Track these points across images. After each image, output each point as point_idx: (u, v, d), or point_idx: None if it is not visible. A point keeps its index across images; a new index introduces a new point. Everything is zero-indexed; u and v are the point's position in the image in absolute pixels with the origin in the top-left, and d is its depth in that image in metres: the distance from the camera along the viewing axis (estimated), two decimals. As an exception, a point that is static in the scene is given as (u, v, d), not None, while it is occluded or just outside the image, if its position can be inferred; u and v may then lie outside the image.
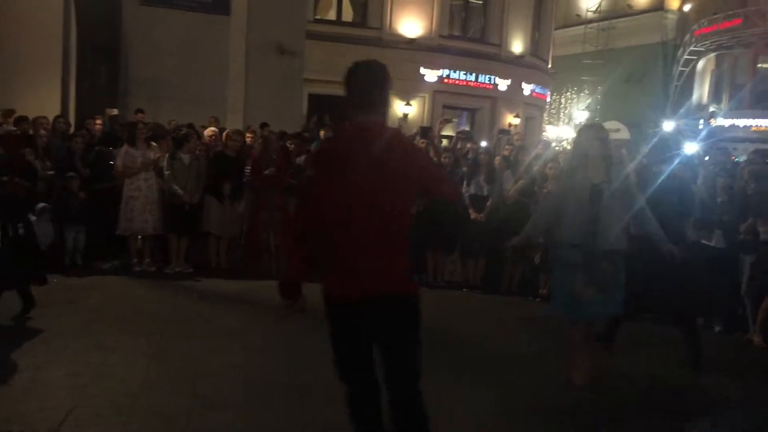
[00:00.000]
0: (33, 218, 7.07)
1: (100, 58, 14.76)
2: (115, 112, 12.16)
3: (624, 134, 29.58)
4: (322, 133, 11.50)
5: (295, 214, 4.08)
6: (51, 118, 9.93)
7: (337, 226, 3.13)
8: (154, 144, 9.30)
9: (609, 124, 29.24)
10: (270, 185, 9.08)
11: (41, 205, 7.75)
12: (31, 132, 9.02)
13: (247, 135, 10.27)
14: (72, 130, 10.32)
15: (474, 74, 22.89)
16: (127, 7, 15.24)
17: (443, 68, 22.18)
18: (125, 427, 4.16)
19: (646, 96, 33.37)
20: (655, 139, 10.05)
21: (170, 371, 5.22)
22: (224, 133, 9.86)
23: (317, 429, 4.33)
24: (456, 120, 24.18)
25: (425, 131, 11.01)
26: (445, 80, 22.39)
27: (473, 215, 8.95)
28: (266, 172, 9.00)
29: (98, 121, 10.62)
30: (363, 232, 3.09)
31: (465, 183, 9.12)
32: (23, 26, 12.98)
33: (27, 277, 6.43)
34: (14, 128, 9.03)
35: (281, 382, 5.15)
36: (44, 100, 12.10)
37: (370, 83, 3.36)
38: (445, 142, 13.96)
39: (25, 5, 13.12)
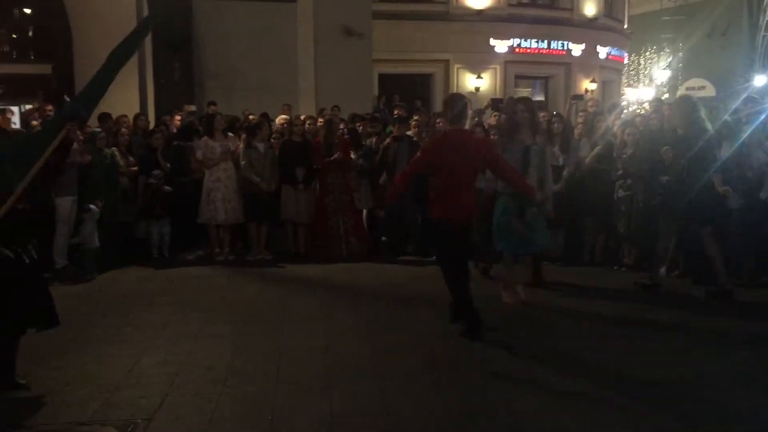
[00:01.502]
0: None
1: (173, 54, 15.17)
2: (194, 108, 12.47)
3: (709, 91, 28.21)
4: (396, 112, 11.45)
5: (411, 167, 6.29)
6: (131, 116, 10.28)
7: (448, 181, 5.78)
8: (231, 135, 9.52)
9: (693, 82, 28.01)
10: (336, 169, 9.12)
11: (88, 206, 8.08)
12: (114, 130, 9.36)
13: (319, 120, 10.34)
14: (152, 126, 10.66)
15: (546, 41, 22.32)
16: (197, 3, 15.57)
17: (514, 38, 21.72)
18: (214, 413, 4.29)
19: (732, 50, 31.72)
20: (744, 96, 9.57)
21: (254, 357, 5.35)
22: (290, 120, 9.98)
23: (399, 412, 4.34)
24: (530, 89, 23.72)
25: (496, 103, 10.80)
26: (517, 50, 21.93)
27: (550, 186, 8.75)
28: (333, 157, 9.03)
29: (177, 117, 10.93)
30: (460, 184, 5.76)
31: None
32: (97, 27, 13.45)
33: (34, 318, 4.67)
34: (98, 128, 9.38)
35: (363, 365, 5.20)
36: (124, 98, 12.52)
37: (460, 110, 5.97)
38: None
39: (98, 6, 13.58)
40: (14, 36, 16.12)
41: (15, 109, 14.00)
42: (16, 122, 11.87)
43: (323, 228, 9.18)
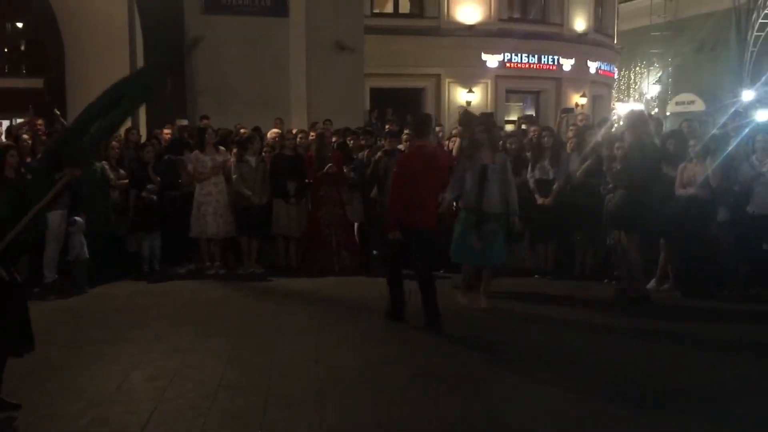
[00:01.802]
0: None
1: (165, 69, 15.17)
2: (185, 122, 12.49)
3: (699, 106, 28.47)
4: (387, 127, 11.50)
5: (396, 185, 6.69)
6: (122, 129, 10.28)
7: (415, 191, 6.42)
8: (222, 148, 9.54)
9: (682, 97, 28.33)
10: (328, 182, 9.14)
11: (73, 218, 8.06)
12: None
13: (311, 134, 10.37)
14: (143, 140, 10.66)
15: (536, 56, 22.44)
16: (189, 17, 15.60)
17: (505, 52, 21.82)
18: (204, 427, 4.28)
19: (720, 65, 32.02)
20: (732, 110, 9.70)
21: (246, 371, 5.35)
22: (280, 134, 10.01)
23: (392, 425, 4.34)
24: (521, 104, 23.84)
25: (487, 117, 10.85)
26: (507, 64, 22.03)
27: (539, 200, 8.79)
28: (325, 169, 9.03)
29: (166, 131, 10.94)
30: (427, 194, 6.53)
31: (530, 167, 8.96)
32: (90, 42, 13.52)
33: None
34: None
35: (356, 377, 5.20)
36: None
37: (425, 125, 7.07)
38: (510, 126, 13.77)
39: (90, 21, 13.63)
40: (6, 50, 16.15)
41: (5, 122, 14.05)
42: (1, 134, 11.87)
43: (315, 241, 9.18)
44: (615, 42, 26.81)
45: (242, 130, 10.79)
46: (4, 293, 4.38)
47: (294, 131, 10.37)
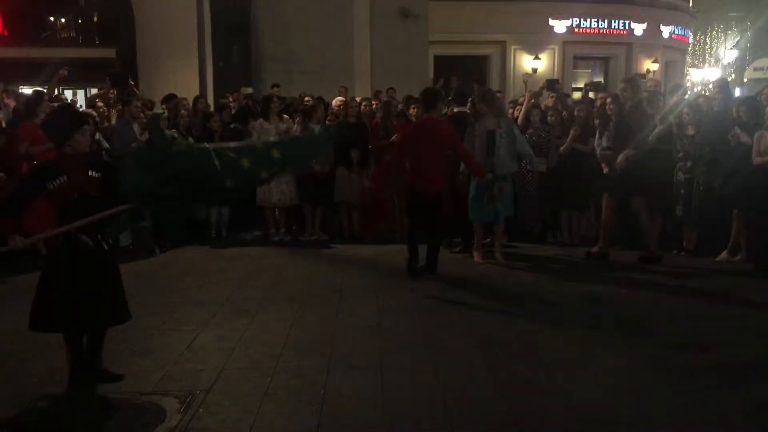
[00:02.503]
0: None
1: (232, 38, 15.41)
2: (250, 90, 12.68)
3: (779, 72, 27.16)
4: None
5: (394, 155, 7.69)
6: (190, 98, 10.53)
7: (417, 160, 7.17)
8: (286, 117, 9.65)
9: (762, 62, 27.00)
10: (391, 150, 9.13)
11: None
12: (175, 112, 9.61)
13: (374, 102, 10.38)
14: (211, 108, 10.89)
15: (607, 20, 21.80)
16: (255, -15, 15.77)
17: (573, 17, 21.29)
18: (270, 386, 4.42)
19: (804, 28, 30.37)
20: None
21: (310, 334, 5.48)
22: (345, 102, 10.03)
23: (450, 388, 4.38)
24: (590, 71, 23.25)
25: (552, 84, 10.64)
26: (576, 30, 21.49)
27: (606, 169, 8.57)
28: (392, 138, 9.03)
29: (231, 99, 11.12)
30: (430, 163, 7.11)
31: (597, 136, 8.75)
32: (159, 14, 13.78)
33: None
34: (162, 109, 9.63)
35: (415, 344, 5.26)
36: (184, 82, 12.84)
37: (432, 100, 7.41)
38: (577, 94, 13.46)
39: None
40: (80, 21, 16.62)
41: (80, 92, 14.52)
42: (82, 104, 12.31)
43: (377, 209, 9.24)
44: (690, 5, 25.75)
45: (306, 99, 10.88)
46: (94, 263, 4.27)
47: (358, 99, 10.38)
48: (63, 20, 16.63)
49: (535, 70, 20.57)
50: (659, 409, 4.12)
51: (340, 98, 10.65)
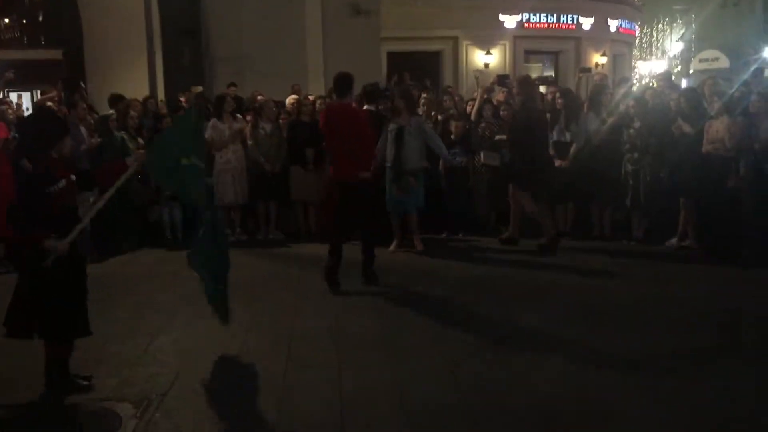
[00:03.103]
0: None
1: (182, 39, 15.21)
2: (200, 89, 12.53)
3: (722, 63, 27.91)
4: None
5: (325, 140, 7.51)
6: (141, 97, 10.39)
7: (339, 145, 6.85)
8: (239, 116, 9.59)
9: (706, 53, 27.72)
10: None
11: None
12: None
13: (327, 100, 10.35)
14: (161, 109, 10.75)
15: (555, 15, 22.13)
16: (205, -15, 15.60)
17: (523, 12, 21.55)
18: (226, 390, 4.41)
19: (745, 21, 31.28)
20: (754, 68, 9.55)
21: (267, 335, 5.48)
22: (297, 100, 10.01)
23: (410, 387, 4.43)
24: (541, 65, 23.57)
25: (503, 79, 10.78)
26: (526, 24, 21.77)
27: (557, 162, 8.75)
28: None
29: (182, 99, 10.99)
30: (347, 149, 6.74)
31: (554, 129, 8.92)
32: (108, 13, 13.54)
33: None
34: (111, 111, 9.47)
35: (373, 343, 5.30)
36: (133, 83, 12.63)
37: (345, 86, 6.96)
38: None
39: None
40: (24, 21, 16.22)
41: (26, 95, 14.17)
42: (28, 107, 12.03)
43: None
44: (636, -1, 26.32)
45: (258, 98, 10.81)
46: (69, 271, 4.32)
47: (311, 98, 10.36)
48: (6, 20, 16.21)
49: (487, 65, 20.78)
50: (617, 399, 4.23)
51: (293, 96, 10.62)
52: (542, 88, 12.36)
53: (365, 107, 8.68)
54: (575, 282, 6.99)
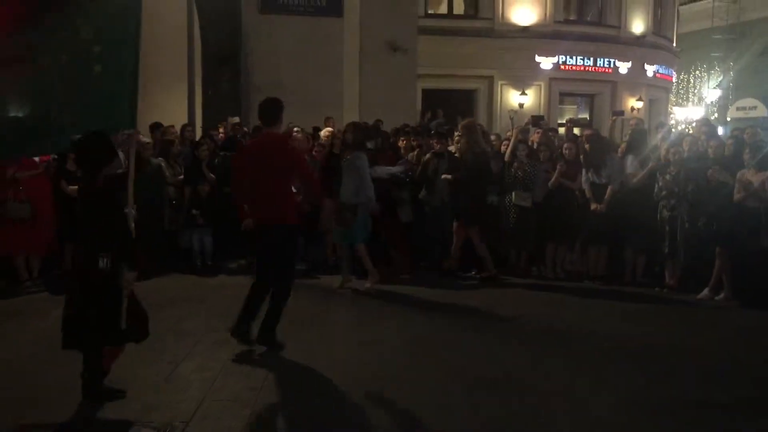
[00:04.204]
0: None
1: (222, 67, 15.48)
2: (237, 120, 12.71)
3: (760, 111, 27.61)
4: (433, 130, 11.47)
5: (232, 176, 6.49)
6: (178, 126, 10.54)
7: (258, 182, 5.87)
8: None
9: (744, 102, 27.49)
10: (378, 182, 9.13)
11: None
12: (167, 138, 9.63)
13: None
14: (198, 136, 10.90)
15: (592, 59, 22.12)
16: (246, 16, 15.89)
17: (559, 54, 21.58)
18: (249, 419, 4.37)
19: (785, 69, 30.98)
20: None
21: (290, 366, 5.43)
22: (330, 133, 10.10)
23: (431, 425, 4.34)
24: (575, 107, 23.54)
25: (537, 120, 10.77)
26: (562, 67, 21.77)
27: (593, 206, 8.67)
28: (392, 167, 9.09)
29: (221, 129, 11.14)
30: (268, 188, 5.86)
31: (584, 171, 8.85)
32: (149, 41, 13.74)
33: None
34: (148, 140, 9.61)
35: (394, 375, 5.24)
36: (172, 109, 12.83)
37: (272, 112, 6.00)
38: (561, 130, 13.59)
39: (149, 20, 13.88)
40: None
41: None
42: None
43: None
44: (674, 45, 26.23)
45: (295, 130, 10.91)
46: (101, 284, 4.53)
47: (336, 131, 10.44)
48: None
49: (521, 106, 20.79)
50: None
51: (328, 129, 10.71)
52: (576, 131, 12.29)
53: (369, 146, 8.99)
54: (606, 326, 6.86)
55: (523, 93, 21.11)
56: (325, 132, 10.44)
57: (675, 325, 7.00)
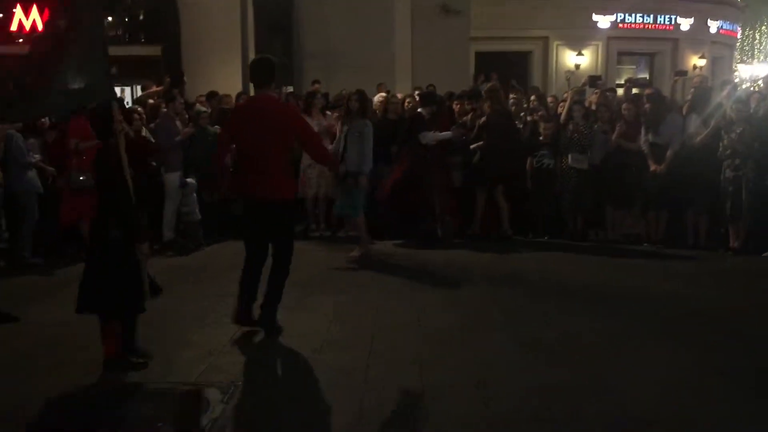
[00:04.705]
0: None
1: (274, 35, 15.53)
2: (291, 89, 12.78)
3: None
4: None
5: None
6: (233, 94, 10.67)
7: (247, 152, 5.27)
8: (329, 113, 9.71)
9: (813, 58, 26.28)
10: (433, 147, 9.07)
11: (184, 180, 8.47)
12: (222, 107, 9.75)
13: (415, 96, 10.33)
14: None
15: (652, 15, 21.40)
16: (297, -17, 15.89)
17: (618, 12, 20.94)
18: (310, 380, 4.46)
19: None
20: None
21: (350, 329, 5.50)
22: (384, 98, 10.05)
23: (490, 387, 4.36)
24: (634, 67, 22.88)
25: (594, 80, 10.51)
26: (620, 25, 21.15)
27: (652, 167, 8.46)
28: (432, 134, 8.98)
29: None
30: (259, 156, 5.22)
31: (643, 131, 8.63)
32: (205, 11, 13.95)
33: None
34: (204, 109, 9.75)
35: (455, 340, 5.25)
36: (227, 79, 12.99)
37: (263, 72, 5.32)
38: (620, 91, 13.23)
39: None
40: (126, 20, 16.90)
41: (128, 89, 14.80)
42: (129, 101, 12.56)
43: (410, 205, 9.17)
44: (739, -1, 25.16)
45: (344, 91, 10.89)
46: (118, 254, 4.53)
47: (400, 96, 10.38)
48: (110, 18, 16.94)
49: (578, 67, 20.31)
50: (700, 410, 4.04)
51: (381, 95, 10.67)
52: (634, 90, 11.96)
53: (418, 110, 8.71)
54: (667, 290, 6.72)
55: (580, 53, 20.62)
56: (378, 97, 10.40)
57: (739, 289, 6.82)
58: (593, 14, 20.75)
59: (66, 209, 7.96)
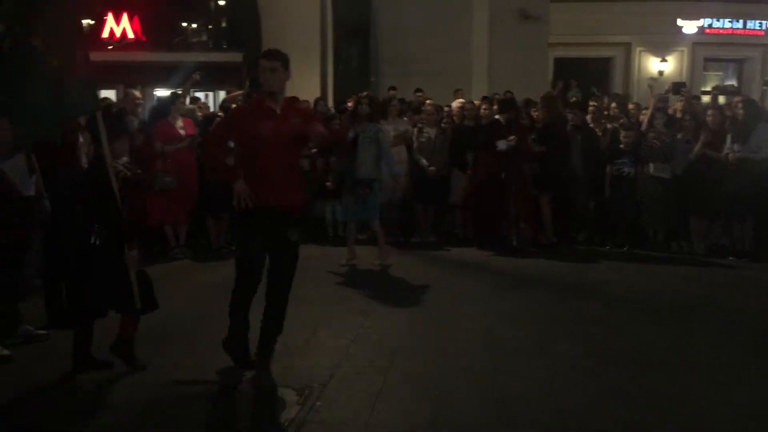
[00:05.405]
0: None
1: (352, 41, 15.72)
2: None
3: None
4: (572, 99, 11.15)
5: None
6: (312, 101, 10.83)
7: (258, 155, 4.63)
8: (405, 119, 9.76)
9: None
10: (511, 154, 8.98)
11: None
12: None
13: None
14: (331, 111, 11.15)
15: (741, 21, 20.53)
16: (376, -11, 16.02)
17: (704, 17, 20.20)
18: (384, 386, 4.48)
19: None
20: None
21: (422, 336, 5.51)
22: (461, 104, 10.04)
23: (564, 399, 4.29)
24: (722, 73, 22.04)
25: (678, 87, 10.20)
26: (707, 30, 20.38)
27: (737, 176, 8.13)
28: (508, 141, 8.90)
29: (349, 103, 11.32)
30: (271, 166, 4.64)
31: (729, 139, 8.32)
32: (286, 18, 14.23)
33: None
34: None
35: (527, 351, 5.18)
36: (306, 84, 13.19)
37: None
38: (705, 98, 12.79)
39: (284, -2, 14.32)
40: (210, 27, 17.43)
41: (211, 95, 15.23)
42: (211, 107, 12.92)
43: (485, 213, 9.12)
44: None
45: (427, 102, 10.93)
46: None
47: (477, 102, 10.34)
48: (194, 25, 17.50)
49: (661, 73, 19.72)
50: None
51: (460, 101, 10.65)
52: (721, 98, 11.55)
53: (496, 117, 8.62)
54: (752, 306, 6.45)
55: (664, 60, 20.01)
56: (456, 104, 10.40)
57: None
58: (678, 19, 20.10)
59: (152, 210, 8.25)
